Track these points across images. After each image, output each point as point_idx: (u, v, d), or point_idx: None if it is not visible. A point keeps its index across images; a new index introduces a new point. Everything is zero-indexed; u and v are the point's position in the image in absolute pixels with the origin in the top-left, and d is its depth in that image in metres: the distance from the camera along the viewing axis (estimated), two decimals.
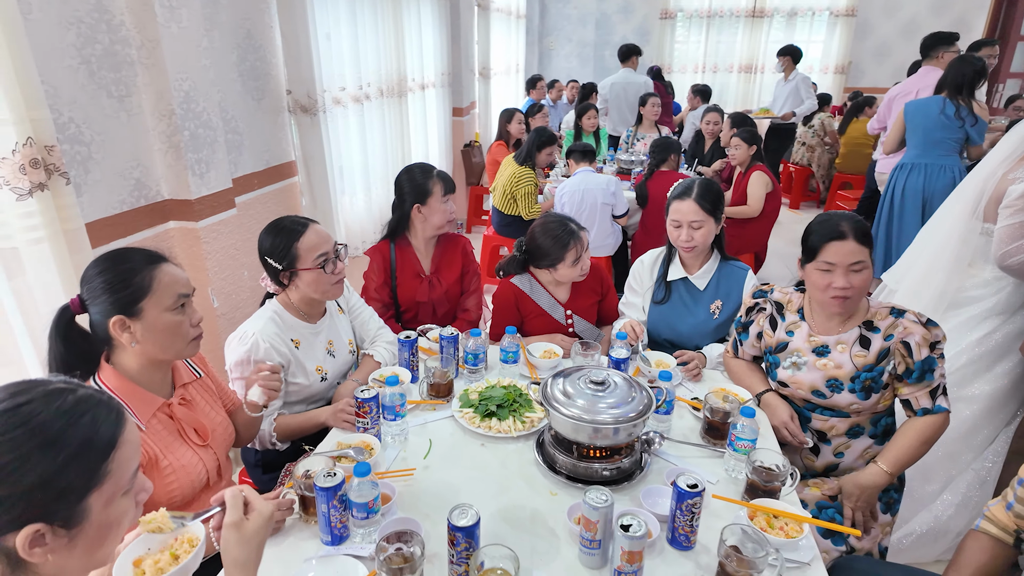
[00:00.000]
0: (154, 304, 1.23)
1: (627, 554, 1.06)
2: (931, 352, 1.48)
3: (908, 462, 1.51)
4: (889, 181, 3.72)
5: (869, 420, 1.58)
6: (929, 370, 1.49)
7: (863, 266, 1.47)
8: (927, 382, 1.49)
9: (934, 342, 1.48)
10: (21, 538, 0.69)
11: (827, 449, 1.62)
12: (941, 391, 1.50)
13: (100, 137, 1.96)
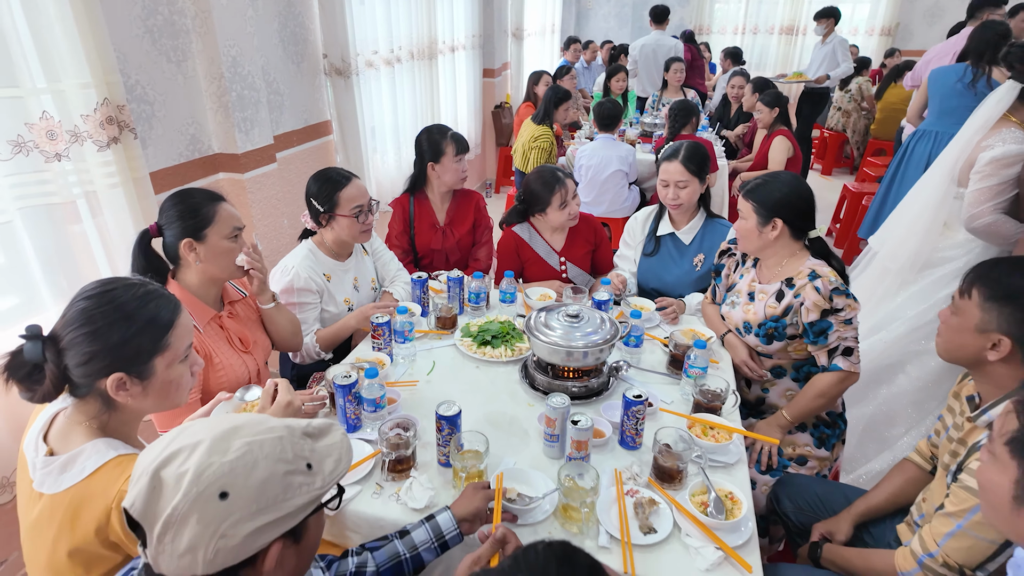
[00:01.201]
0: (215, 232, 1.54)
1: (576, 443, 1.33)
2: (823, 318, 1.62)
3: (806, 411, 1.70)
4: (904, 146, 3.76)
5: (791, 365, 1.78)
6: (821, 333, 1.65)
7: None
8: (821, 344, 1.66)
9: (828, 309, 1.62)
10: (110, 382, 0.99)
11: (756, 384, 1.85)
12: (840, 352, 1.64)
13: (161, 97, 2.26)
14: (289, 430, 0.76)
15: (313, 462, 0.76)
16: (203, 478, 0.68)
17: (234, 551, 0.68)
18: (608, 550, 1.20)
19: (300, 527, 0.75)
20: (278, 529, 0.71)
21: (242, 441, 0.71)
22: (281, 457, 0.72)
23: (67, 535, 0.96)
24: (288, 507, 0.71)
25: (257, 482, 0.70)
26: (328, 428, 0.82)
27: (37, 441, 1.03)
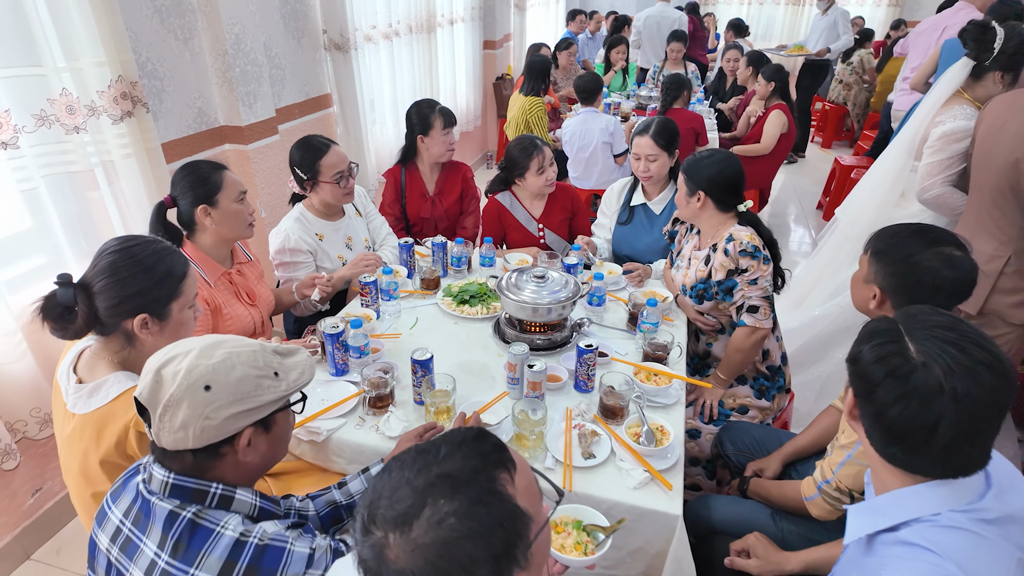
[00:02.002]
0: (225, 197, 1.75)
1: (531, 384, 1.53)
2: (728, 277, 1.82)
3: (732, 365, 1.91)
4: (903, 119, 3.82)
5: (728, 323, 1.96)
6: (728, 291, 1.85)
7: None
8: (729, 301, 1.86)
9: (733, 269, 1.81)
10: (136, 322, 1.20)
11: (703, 340, 2.04)
12: (746, 310, 1.83)
13: (170, 73, 2.44)
14: (262, 347, 0.98)
15: (280, 372, 0.97)
16: (192, 374, 0.89)
17: (215, 430, 0.90)
18: (552, 470, 1.40)
19: (269, 420, 0.97)
20: (250, 418, 0.94)
21: (224, 351, 0.93)
22: (254, 364, 0.94)
23: (94, 447, 1.18)
24: (258, 401, 0.93)
25: (234, 380, 0.91)
26: (295, 351, 1.03)
27: (68, 372, 1.24)
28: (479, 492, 0.64)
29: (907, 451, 0.86)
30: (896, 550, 0.87)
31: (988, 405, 0.80)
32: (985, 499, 0.86)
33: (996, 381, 0.81)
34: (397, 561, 0.61)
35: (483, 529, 0.62)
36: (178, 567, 0.88)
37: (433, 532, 0.61)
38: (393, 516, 0.63)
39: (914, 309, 0.92)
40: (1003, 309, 1.90)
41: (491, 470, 0.67)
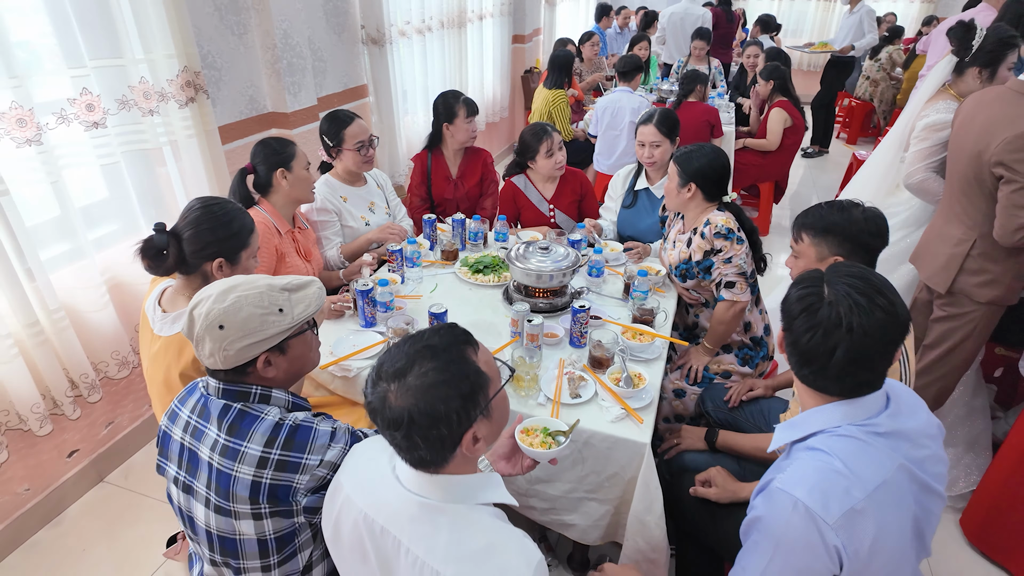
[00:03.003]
0: (296, 164, 2.11)
1: (529, 336, 1.79)
2: (705, 257, 2.04)
3: (716, 335, 2.11)
4: None
5: (712, 298, 2.16)
6: (706, 269, 2.07)
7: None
8: (708, 279, 2.07)
9: (709, 249, 2.03)
10: (214, 265, 1.50)
11: (691, 312, 2.26)
12: (723, 286, 2.03)
13: (227, 64, 2.75)
14: (269, 287, 1.17)
15: (285, 308, 1.17)
16: (209, 316, 1.13)
17: (234, 358, 1.14)
18: (544, 406, 1.66)
19: (283, 345, 1.19)
20: (261, 347, 1.16)
21: (235, 295, 1.14)
22: (259, 304, 1.14)
23: (175, 363, 1.48)
24: (264, 334, 1.15)
25: (242, 319, 1.12)
26: (306, 284, 1.24)
27: (154, 304, 1.55)
28: (451, 356, 0.92)
29: (814, 373, 1.08)
30: (803, 453, 1.10)
31: (877, 338, 1.02)
32: (879, 417, 1.08)
33: (887, 320, 1.02)
34: (396, 402, 0.89)
35: (454, 378, 0.90)
36: (234, 442, 1.14)
37: (419, 380, 0.89)
38: (392, 371, 0.90)
39: (841, 264, 1.14)
40: (969, 288, 2.08)
41: (460, 345, 0.94)
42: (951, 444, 2.37)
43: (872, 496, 0.99)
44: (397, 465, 1.01)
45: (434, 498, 0.96)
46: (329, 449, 1.16)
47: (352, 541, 1.02)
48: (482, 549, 0.92)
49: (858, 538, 0.98)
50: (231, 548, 1.18)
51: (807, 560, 1.00)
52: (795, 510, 1.00)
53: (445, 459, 0.95)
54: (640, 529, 1.61)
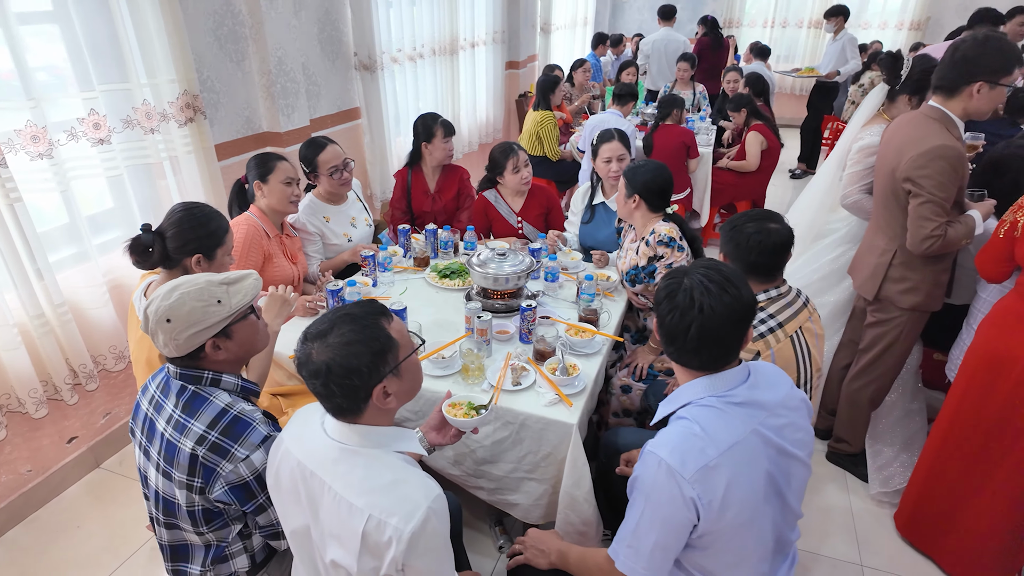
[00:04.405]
0: (275, 177, 2.33)
1: (479, 331, 1.98)
2: (649, 263, 2.23)
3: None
4: None
5: None
6: (649, 274, 2.26)
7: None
8: (652, 283, 2.26)
9: (653, 256, 2.22)
10: (193, 260, 1.72)
11: (641, 315, 2.44)
12: None
13: (225, 88, 3.01)
14: (208, 282, 1.33)
15: (223, 299, 1.32)
16: (158, 313, 1.28)
17: (185, 344, 1.30)
18: (487, 392, 1.85)
19: (227, 330, 1.35)
20: (207, 334, 1.32)
21: (178, 292, 1.30)
22: (199, 298, 1.30)
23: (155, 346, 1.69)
24: (207, 323, 1.30)
25: (185, 312, 1.28)
26: (242, 277, 1.38)
27: (140, 295, 1.78)
28: (367, 323, 1.12)
29: (678, 350, 1.27)
30: (673, 423, 1.28)
31: (725, 318, 1.21)
32: (738, 389, 1.27)
33: (733, 302, 1.21)
34: (317, 356, 1.09)
35: (366, 338, 1.10)
36: (184, 418, 1.33)
37: (337, 339, 1.09)
38: (316, 333, 1.11)
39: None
40: (893, 295, 2.25)
41: (375, 315, 1.15)
42: (890, 443, 2.52)
43: (725, 455, 1.17)
44: (325, 420, 1.21)
45: (352, 443, 1.15)
46: (257, 450, 1.31)
47: (289, 486, 1.21)
48: (389, 483, 1.11)
49: (711, 490, 1.16)
50: (171, 510, 1.37)
51: (670, 510, 1.18)
52: (659, 468, 1.18)
53: (360, 409, 1.14)
54: (570, 503, 1.79)
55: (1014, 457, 1.91)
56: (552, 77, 4.75)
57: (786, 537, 1.35)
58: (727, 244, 1.76)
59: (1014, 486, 1.93)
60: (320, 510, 1.15)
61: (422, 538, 1.07)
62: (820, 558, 2.23)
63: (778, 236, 1.68)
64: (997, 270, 1.92)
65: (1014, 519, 1.97)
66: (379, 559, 1.08)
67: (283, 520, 1.26)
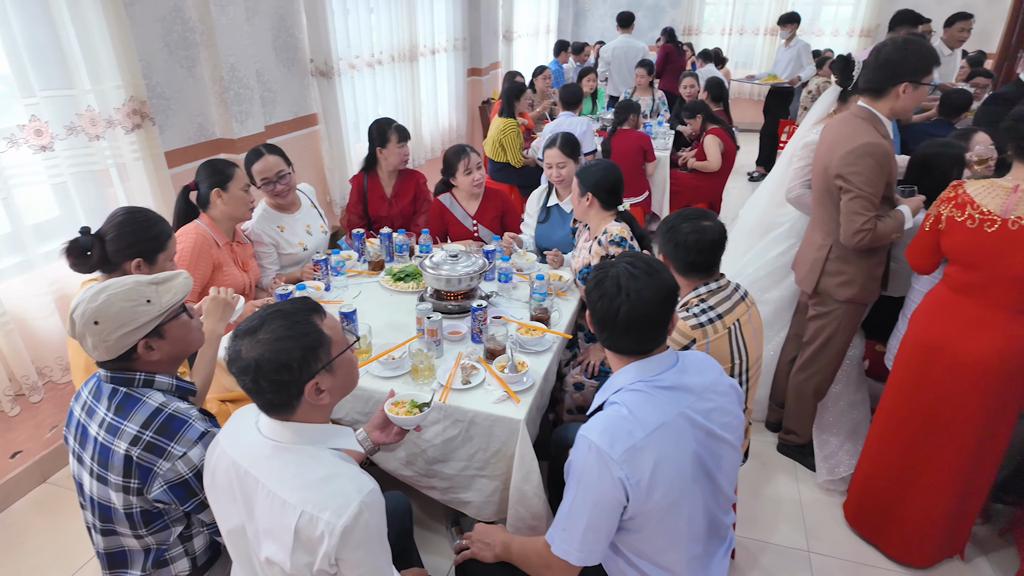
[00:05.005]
0: (234, 185, 2.30)
1: (429, 331, 2.00)
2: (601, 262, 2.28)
3: None
4: None
5: None
6: None
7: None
8: None
9: (604, 255, 2.25)
10: (133, 264, 1.70)
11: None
12: None
13: (176, 95, 2.98)
14: (137, 282, 1.33)
15: (152, 299, 1.32)
16: (85, 315, 1.27)
17: (114, 348, 1.30)
18: (435, 391, 1.86)
19: (159, 330, 1.34)
20: (138, 334, 1.31)
21: (105, 294, 1.29)
22: (128, 298, 1.30)
23: None
24: (137, 323, 1.30)
25: (114, 313, 1.28)
26: (172, 276, 1.39)
27: None
28: (297, 319, 1.13)
29: (609, 336, 1.31)
30: (606, 408, 1.32)
31: (649, 302, 1.26)
32: (666, 374, 1.31)
33: (657, 287, 1.27)
34: (247, 353, 1.09)
35: (297, 334, 1.11)
36: (117, 420, 1.32)
37: (267, 335, 1.10)
38: (246, 330, 1.11)
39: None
40: (831, 288, 2.34)
41: (307, 311, 1.15)
42: (836, 433, 2.60)
43: (651, 436, 1.21)
44: (259, 419, 1.21)
45: (285, 440, 1.16)
46: (195, 446, 1.31)
47: (224, 485, 1.21)
48: (321, 478, 1.12)
49: (639, 471, 1.19)
50: (107, 515, 1.36)
51: (600, 492, 1.21)
52: (590, 450, 1.21)
53: (292, 405, 1.15)
54: (520, 498, 1.81)
55: (949, 442, 1.99)
56: (518, 84, 4.82)
57: (720, 520, 1.39)
58: (666, 246, 1.80)
59: (951, 470, 2.02)
60: (255, 508, 1.15)
61: (355, 532, 1.08)
62: (769, 546, 2.29)
63: (713, 233, 1.74)
64: (925, 262, 2.01)
65: (952, 502, 2.06)
66: (312, 554, 1.09)
67: (219, 520, 1.25)
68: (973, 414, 1.92)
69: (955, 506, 2.07)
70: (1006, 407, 1.91)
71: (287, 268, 2.69)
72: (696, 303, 1.79)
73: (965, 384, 1.90)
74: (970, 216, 1.81)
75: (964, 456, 1.97)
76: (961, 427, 1.95)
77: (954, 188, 1.88)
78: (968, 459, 1.98)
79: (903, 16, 4.76)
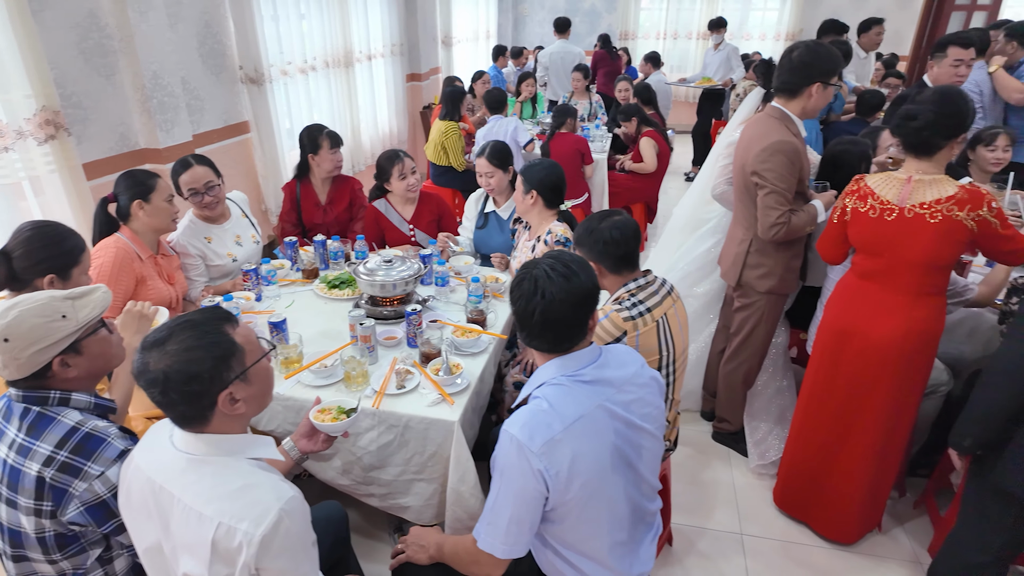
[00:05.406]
0: (156, 196, 2.21)
1: (362, 337, 1.99)
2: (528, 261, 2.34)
3: None
4: None
5: None
6: None
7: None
8: None
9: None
10: (45, 280, 1.63)
11: None
12: None
13: (94, 104, 2.87)
14: (51, 298, 1.28)
15: (68, 314, 1.27)
16: None
17: (27, 364, 1.25)
18: (369, 397, 1.86)
19: (76, 346, 1.30)
20: (53, 351, 1.26)
21: (16, 310, 1.24)
22: (41, 314, 1.25)
23: None
24: (51, 340, 1.25)
25: (26, 329, 1.23)
26: (90, 291, 1.35)
27: None
28: (208, 328, 1.11)
29: (528, 334, 1.35)
30: (530, 402, 1.35)
31: (565, 303, 1.30)
32: (586, 369, 1.35)
33: (572, 289, 1.30)
34: (154, 365, 1.07)
35: (208, 344, 1.09)
36: (29, 441, 1.27)
37: (176, 346, 1.08)
38: (153, 341, 1.09)
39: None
40: (752, 281, 2.45)
41: (218, 321, 1.14)
42: (765, 419, 2.72)
43: (569, 428, 1.25)
44: (173, 433, 1.19)
45: (199, 453, 1.14)
46: (114, 465, 1.27)
47: (139, 503, 1.17)
48: (238, 489, 1.10)
49: (557, 462, 1.23)
50: (18, 540, 1.30)
51: (521, 484, 1.24)
52: (511, 443, 1.24)
53: (206, 417, 1.13)
54: (457, 499, 1.82)
55: (863, 421, 2.12)
56: (458, 88, 4.85)
57: (644, 507, 1.44)
58: (592, 248, 1.83)
59: (866, 447, 2.14)
60: (171, 523, 1.12)
61: (275, 540, 1.07)
62: (706, 531, 2.37)
63: (630, 223, 1.81)
64: (834, 252, 2.13)
65: (869, 479, 2.18)
66: (231, 565, 1.07)
67: (135, 539, 1.22)
68: (883, 393, 2.04)
69: (872, 481, 2.19)
70: (912, 384, 2.04)
71: (217, 280, 2.62)
72: (627, 297, 1.84)
73: (875, 365, 2.02)
74: (872, 206, 1.93)
75: (877, 433, 2.10)
76: (874, 405, 2.07)
77: (856, 181, 2.01)
78: (881, 436, 2.10)
79: (829, 25, 5.07)
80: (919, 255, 1.85)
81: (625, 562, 1.39)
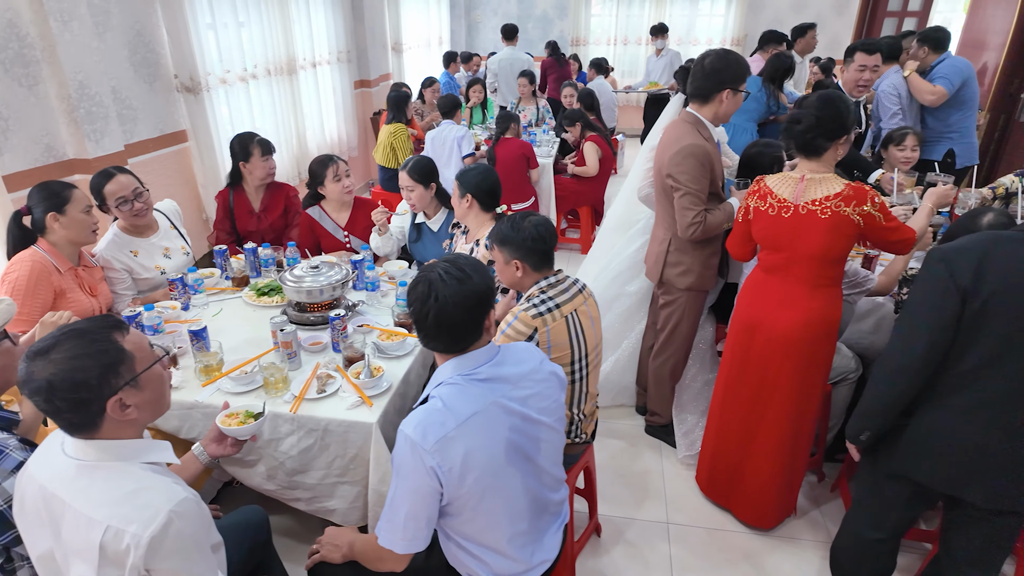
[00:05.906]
0: (73, 207, 2.19)
1: (283, 343, 2.01)
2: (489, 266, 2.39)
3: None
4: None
5: None
6: None
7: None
8: None
9: (490, 260, 2.32)
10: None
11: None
12: (500, 290, 2.30)
13: (16, 114, 2.82)
14: None
15: None
16: None
17: None
18: (288, 402, 1.88)
19: None
20: None
21: None
22: None
23: None
24: None
25: None
26: None
27: None
28: (95, 336, 1.13)
29: (425, 336, 1.40)
30: (428, 401, 1.39)
31: (457, 306, 1.34)
32: (482, 368, 1.40)
33: (465, 292, 1.35)
34: (38, 374, 1.09)
35: (95, 352, 1.11)
36: None
37: (61, 355, 1.09)
38: (37, 350, 1.11)
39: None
40: (673, 278, 2.54)
41: (107, 329, 1.16)
42: (692, 411, 2.82)
43: (462, 425, 1.30)
44: (65, 441, 1.20)
45: (90, 459, 1.16)
46: (11, 476, 1.28)
47: (32, 511, 1.18)
48: (129, 492, 1.12)
49: (450, 459, 1.28)
50: None
51: (416, 481, 1.29)
52: (405, 442, 1.29)
53: (95, 423, 1.15)
54: (379, 500, 1.86)
55: (773, 408, 2.22)
56: (403, 92, 4.90)
57: (546, 497, 1.50)
58: (518, 249, 1.87)
59: (777, 434, 2.24)
60: (62, 530, 1.14)
61: (164, 541, 1.10)
62: (634, 521, 2.45)
63: (550, 224, 1.89)
64: (741, 250, 2.24)
65: (781, 464, 2.29)
66: (120, 567, 1.09)
67: (29, 547, 1.22)
68: (789, 381, 2.15)
69: (784, 468, 2.30)
70: (816, 372, 2.15)
71: (145, 293, 2.61)
72: (537, 295, 1.90)
73: (779, 355, 2.12)
74: (771, 205, 2.04)
75: (786, 420, 2.20)
76: (781, 394, 2.18)
77: (758, 182, 2.12)
78: (790, 422, 2.21)
79: (770, 36, 5.28)
80: (813, 249, 1.96)
81: (526, 551, 1.44)
